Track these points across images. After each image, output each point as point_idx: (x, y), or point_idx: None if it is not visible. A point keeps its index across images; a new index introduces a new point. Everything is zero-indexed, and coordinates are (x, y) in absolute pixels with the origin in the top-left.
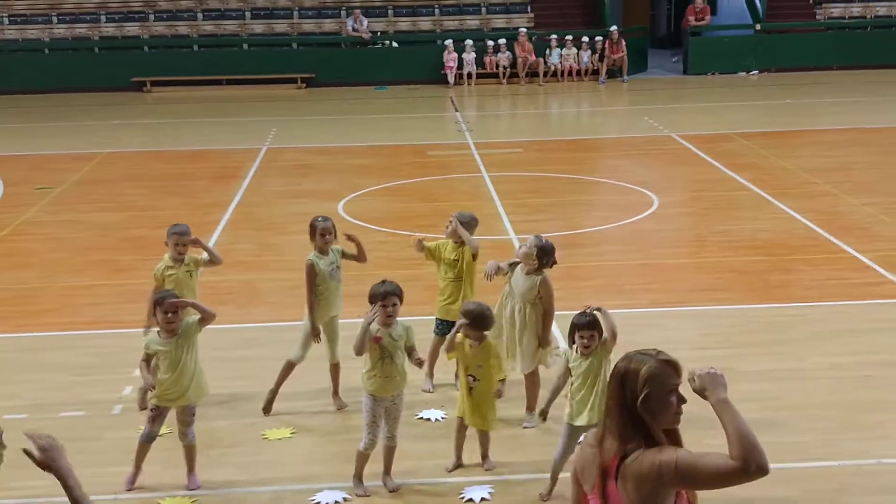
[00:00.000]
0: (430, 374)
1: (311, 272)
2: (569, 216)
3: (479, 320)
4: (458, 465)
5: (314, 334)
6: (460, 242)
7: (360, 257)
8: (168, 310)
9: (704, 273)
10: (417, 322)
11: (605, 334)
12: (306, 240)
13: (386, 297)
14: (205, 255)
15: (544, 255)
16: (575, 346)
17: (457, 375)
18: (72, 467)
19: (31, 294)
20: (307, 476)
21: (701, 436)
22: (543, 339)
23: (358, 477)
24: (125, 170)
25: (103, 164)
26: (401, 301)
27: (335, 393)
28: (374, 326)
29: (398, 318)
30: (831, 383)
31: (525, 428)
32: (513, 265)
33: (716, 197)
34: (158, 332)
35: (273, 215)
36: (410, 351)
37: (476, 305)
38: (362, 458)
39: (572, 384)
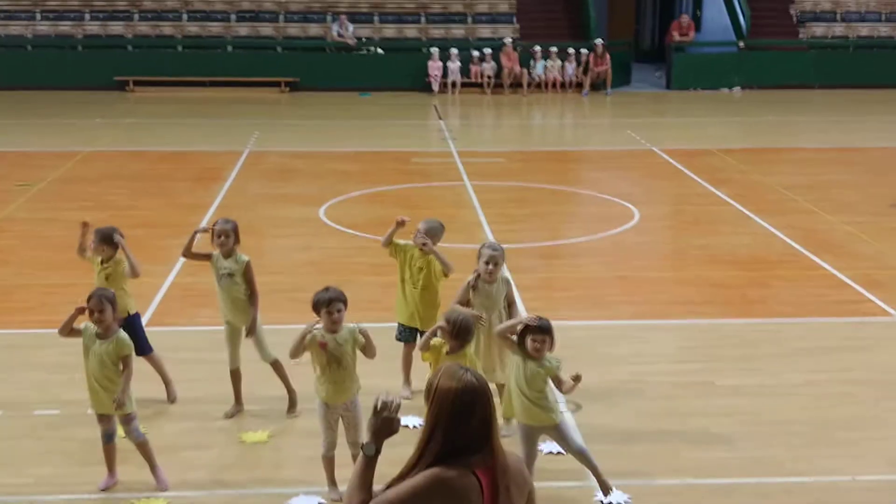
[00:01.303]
0: (408, 381)
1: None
2: (549, 226)
3: (464, 332)
4: None
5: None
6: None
7: (366, 351)
8: (91, 307)
9: (683, 286)
10: (394, 329)
11: (568, 378)
12: (287, 243)
13: (331, 304)
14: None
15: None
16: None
17: None
18: None
19: (8, 291)
20: (283, 480)
21: (679, 448)
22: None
23: (331, 482)
24: (106, 169)
25: (84, 163)
26: (345, 306)
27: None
28: (320, 332)
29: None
30: (806, 399)
31: (502, 437)
32: (474, 284)
33: (696, 211)
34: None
35: (254, 218)
36: (364, 350)
37: (464, 317)
38: (327, 462)
39: (514, 384)
